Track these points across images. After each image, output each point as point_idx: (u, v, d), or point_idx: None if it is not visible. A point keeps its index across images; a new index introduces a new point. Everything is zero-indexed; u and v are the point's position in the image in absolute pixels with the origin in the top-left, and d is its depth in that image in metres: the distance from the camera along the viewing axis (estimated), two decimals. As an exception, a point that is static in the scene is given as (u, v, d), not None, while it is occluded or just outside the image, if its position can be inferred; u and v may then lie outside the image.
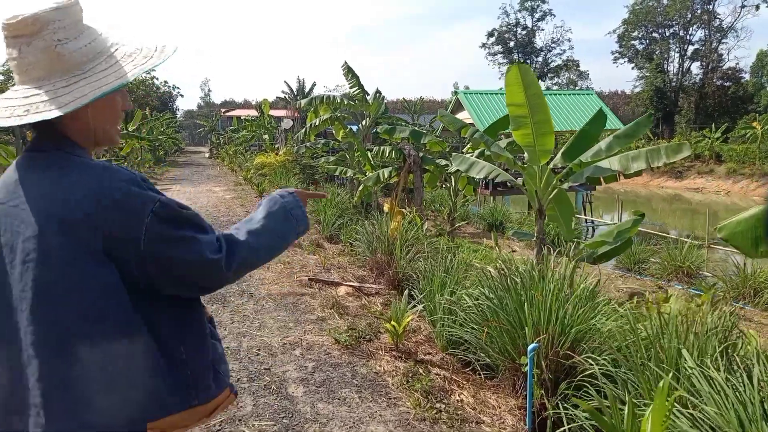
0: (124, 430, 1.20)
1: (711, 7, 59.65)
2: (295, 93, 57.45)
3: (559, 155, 6.06)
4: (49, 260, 1.16)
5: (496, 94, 23.95)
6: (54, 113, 1.18)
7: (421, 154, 9.05)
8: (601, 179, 5.74)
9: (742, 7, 58.80)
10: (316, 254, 8.61)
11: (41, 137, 1.28)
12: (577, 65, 71.02)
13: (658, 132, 55.03)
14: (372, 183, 9.41)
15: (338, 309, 5.64)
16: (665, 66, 62.25)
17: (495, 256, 7.06)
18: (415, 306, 5.01)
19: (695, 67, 61.81)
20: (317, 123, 15.50)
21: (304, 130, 15.80)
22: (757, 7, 58.03)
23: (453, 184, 9.11)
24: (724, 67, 60.57)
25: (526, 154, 6.11)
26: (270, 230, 1.46)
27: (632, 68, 66.91)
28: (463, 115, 23.10)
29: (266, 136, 30.45)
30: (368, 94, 15.08)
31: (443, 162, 9.25)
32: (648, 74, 61.64)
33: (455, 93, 23.72)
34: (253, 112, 47.64)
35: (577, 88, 65.32)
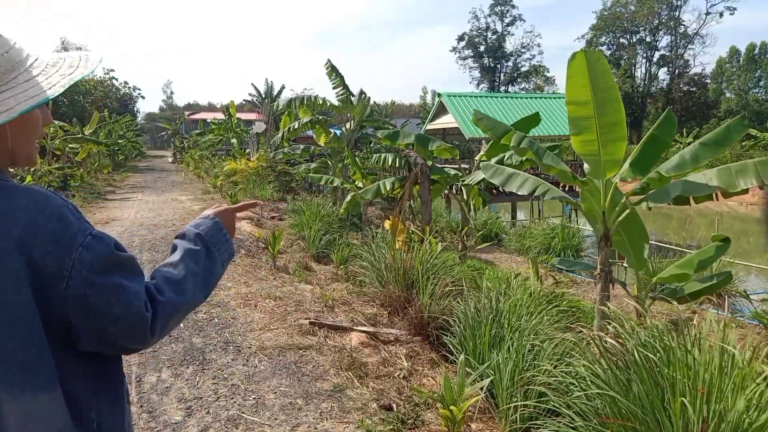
0: None
1: (677, 14, 60.52)
2: (263, 96, 55.68)
3: (626, 166, 4.83)
4: None
5: (481, 97, 22.89)
6: None
7: (430, 163, 7.80)
8: (691, 199, 4.56)
9: (707, 14, 59.81)
10: (311, 283, 7.21)
11: None
12: (547, 70, 71.01)
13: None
14: (371, 195, 8.10)
15: (356, 369, 4.29)
16: (632, 71, 62.89)
17: (533, 286, 5.81)
18: (475, 379, 3.66)
19: (662, 73, 62.62)
20: (296, 126, 14.09)
21: (281, 134, 14.34)
22: (721, 15, 59.20)
23: (464, 196, 7.87)
24: (690, 73, 61.55)
25: (585, 166, 4.87)
26: (193, 273, 1.30)
27: (601, 73, 67.10)
28: (447, 119, 21.98)
29: (234, 140, 28.77)
30: (353, 95, 13.75)
31: (452, 171, 8.00)
32: (616, 80, 62.03)
33: (438, 95, 22.56)
34: (220, 115, 45.74)
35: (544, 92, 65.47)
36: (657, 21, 61.33)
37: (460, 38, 71.77)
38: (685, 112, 57.18)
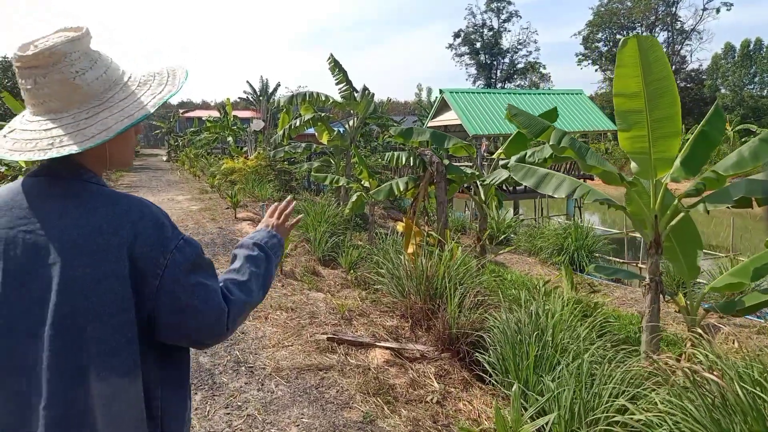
0: None
1: (674, 9, 60.29)
2: (258, 93, 55.09)
3: (677, 165, 4.39)
4: (72, 289, 1.16)
5: (484, 93, 22.43)
6: (78, 147, 1.19)
7: (446, 162, 7.33)
8: (754, 201, 4.11)
9: (704, 9, 59.60)
10: (321, 291, 6.75)
11: (54, 164, 1.25)
12: (544, 67, 70.67)
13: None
14: (383, 195, 7.63)
15: (384, 394, 3.83)
16: (630, 67, 62.48)
17: (566, 295, 5.36)
18: (533, 416, 3.19)
19: (659, 69, 62.24)
20: (298, 124, 13.61)
21: (282, 132, 13.85)
22: (718, 10, 59.01)
23: (482, 196, 7.41)
24: (687, 69, 61.36)
25: (633, 165, 4.42)
26: (256, 276, 1.44)
27: (595, 71, 67.13)
28: (449, 116, 21.54)
29: (230, 138, 28.24)
30: (357, 91, 13.28)
31: (468, 170, 7.54)
32: (612, 75, 61.79)
33: (440, 92, 22.08)
34: (215, 113, 45.18)
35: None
36: (654, 17, 61.09)
37: (456, 35, 71.35)
38: (682, 108, 57.01)
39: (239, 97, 58.38)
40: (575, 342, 3.93)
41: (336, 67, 12.81)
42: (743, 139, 37.91)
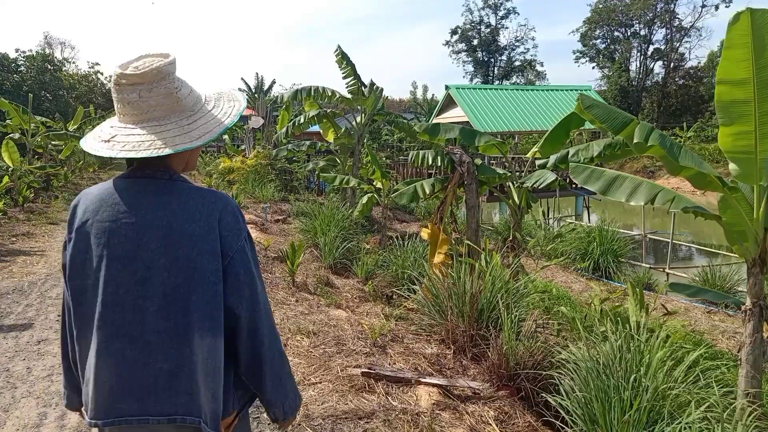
0: (213, 422, 1.45)
1: (672, 6, 59.85)
2: (254, 90, 54.15)
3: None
4: (176, 266, 1.41)
5: (491, 89, 21.69)
6: (189, 145, 1.44)
7: (479, 161, 6.57)
8: None
9: (702, 6, 59.17)
10: (340, 307, 6.01)
11: (146, 166, 1.49)
12: (541, 64, 70.05)
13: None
14: (407, 199, 6.87)
15: (444, 452, 3.09)
16: (627, 65, 62.24)
17: (635, 318, 4.63)
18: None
19: (657, 67, 61.99)
20: (302, 120, 12.83)
21: (285, 129, 13.06)
22: (717, 7, 58.59)
23: (515, 199, 6.66)
24: (686, 66, 60.96)
25: (732, 167, 3.70)
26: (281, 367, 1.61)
27: (593, 68, 66.68)
28: (455, 112, 20.81)
29: (226, 136, 27.38)
30: (365, 86, 12.50)
31: (500, 170, 6.79)
32: (611, 73, 61.56)
33: (446, 88, 21.31)
34: (209, 111, 44.19)
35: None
36: (652, 14, 60.62)
37: (453, 32, 70.54)
38: (680, 105, 56.52)
39: (234, 95, 57.19)
40: (675, 385, 3.20)
41: (343, 59, 12.04)
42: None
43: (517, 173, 7.03)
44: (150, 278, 1.39)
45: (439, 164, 6.64)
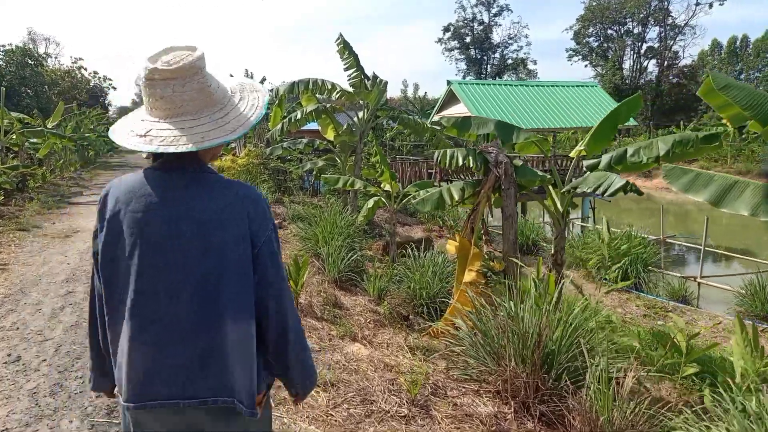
0: (249, 400, 1.50)
1: (666, 4, 59.44)
2: (243, 87, 52.83)
3: None
4: (208, 254, 1.45)
5: (494, 85, 20.70)
6: (225, 138, 1.49)
7: (518, 162, 5.56)
8: None
9: (697, 4, 58.83)
10: (356, 339, 4.97)
11: (177, 159, 1.51)
12: (534, 62, 69.35)
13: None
14: (431, 206, 5.83)
15: None
16: (621, 63, 61.82)
17: (741, 361, 3.62)
18: None
19: (651, 65, 61.62)
20: (299, 116, 11.75)
21: (280, 126, 11.97)
22: (711, 5, 58.24)
23: (558, 206, 5.63)
24: (680, 65, 60.63)
25: None
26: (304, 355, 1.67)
27: (585, 66, 66.26)
28: (458, 109, 19.81)
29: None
30: (368, 78, 11.45)
31: (539, 172, 5.76)
32: (605, 72, 61.14)
33: (448, 83, 20.30)
34: (198, 108, 42.95)
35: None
36: (646, 12, 60.14)
37: (446, 29, 69.69)
38: (674, 104, 56.07)
39: (223, 92, 55.84)
40: None
41: (345, 49, 10.98)
42: (743, 136, 36.51)
43: (560, 175, 6.01)
44: (183, 266, 1.44)
45: (471, 165, 5.61)
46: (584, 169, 5.73)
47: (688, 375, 4.00)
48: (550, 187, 5.92)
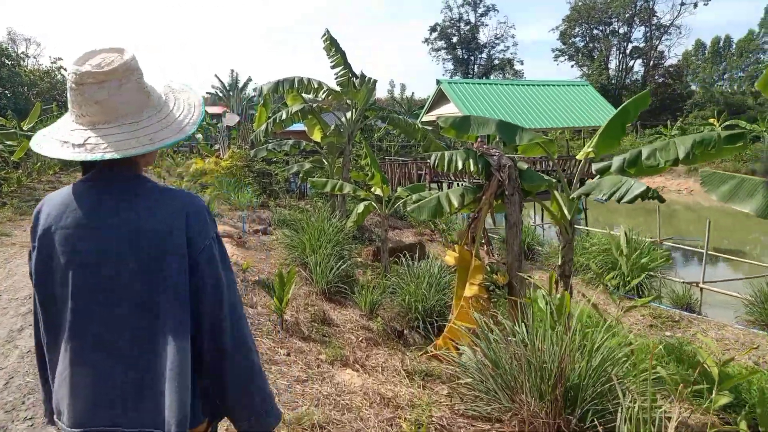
0: (179, 428, 1.33)
1: (651, 4, 59.69)
2: (228, 88, 52.10)
3: None
4: (144, 270, 1.35)
5: (485, 84, 20.29)
6: (175, 138, 1.42)
7: (523, 165, 5.09)
8: None
9: (682, 4, 59.15)
10: (347, 364, 4.47)
11: (111, 166, 1.41)
12: (521, 62, 69.31)
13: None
14: (428, 214, 5.33)
15: None
16: (607, 63, 62.01)
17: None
18: None
19: (637, 65, 61.82)
20: (284, 117, 11.22)
21: (265, 127, 11.43)
22: (695, 5, 58.55)
23: (565, 213, 5.17)
24: (665, 64, 60.92)
25: None
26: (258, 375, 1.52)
27: (571, 66, 66.36)
28: (448, 109, 19.37)
29: (199, 135, 25.56)
30: (356, 77, 10.95)
31: (546, 176, 5.30)
32: (591, 72, 61.25)
33: (438, 83, 19.84)
34: (181, 109, 42.20)
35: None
36: (631, 12, 60.34)
37: (433, 29, 69.36)
38: (660, 104, 56.28)
39: (207, 93, 55.14)
40: None
41: (332, 46, 10.46)
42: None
43: (566, 178, 5.55)
44: (118, 284, 1.35)
45: (471, 169, 5.13)
46: (594, 172, 5.28)
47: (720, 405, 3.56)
48: (556, 192, 5.46)
